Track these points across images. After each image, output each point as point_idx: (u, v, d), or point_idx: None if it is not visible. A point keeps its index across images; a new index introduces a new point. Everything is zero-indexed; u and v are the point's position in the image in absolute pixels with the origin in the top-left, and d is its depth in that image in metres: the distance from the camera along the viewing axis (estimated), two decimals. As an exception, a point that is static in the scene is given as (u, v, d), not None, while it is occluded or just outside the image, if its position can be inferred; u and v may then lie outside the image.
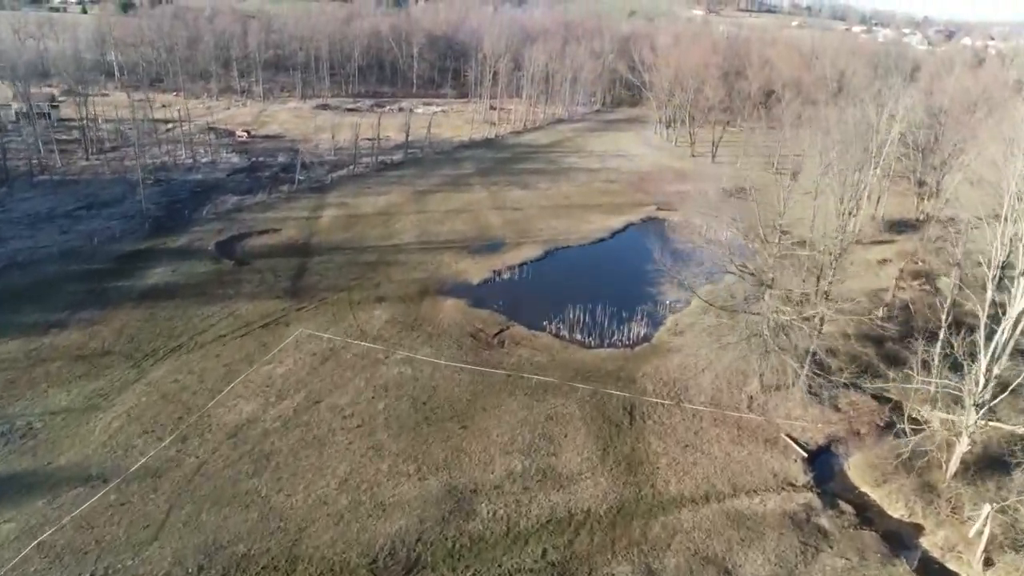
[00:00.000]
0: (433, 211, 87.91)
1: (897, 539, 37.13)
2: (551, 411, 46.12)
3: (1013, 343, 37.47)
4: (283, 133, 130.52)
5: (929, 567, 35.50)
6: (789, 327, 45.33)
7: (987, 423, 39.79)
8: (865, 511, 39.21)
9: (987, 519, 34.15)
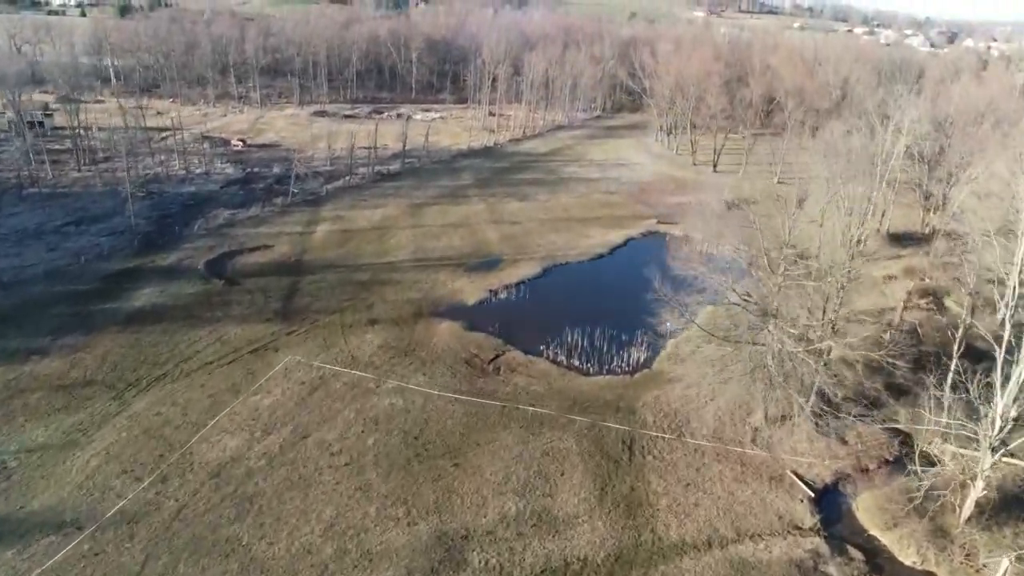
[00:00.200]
0: (430, 225, 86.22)
1: (909, 589, 35.48)
2: (547, 446, 44.42)
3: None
4: (279, 142, 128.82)
5: (943, 621, 33.85)
6: (794, 359, 43.57)
7: (1002, 459, 38.03)
8: (875, 557, 37.46)
9: (1006, 573, 32.40)
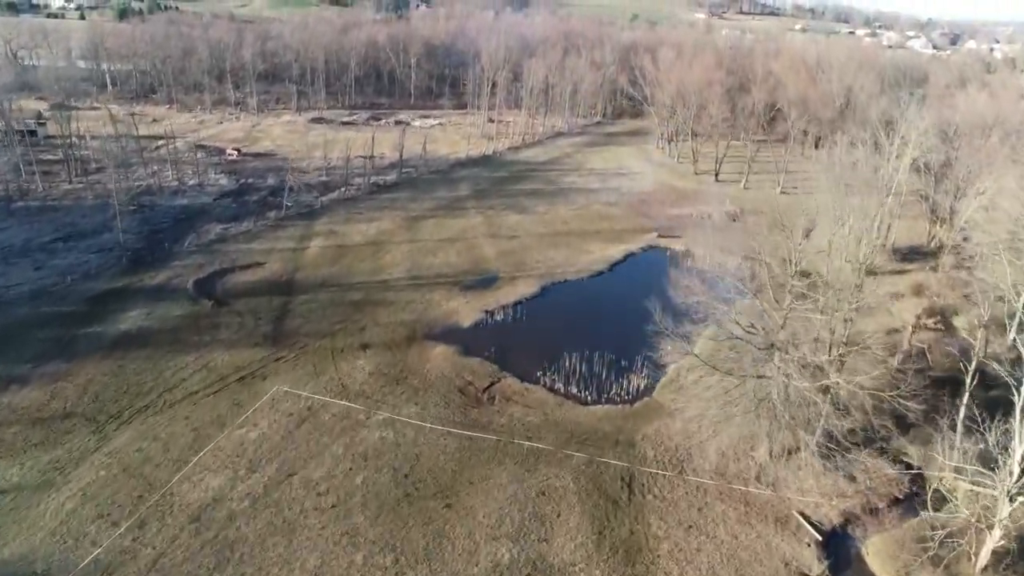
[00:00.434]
0: (425, 240, 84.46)
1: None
2: (543, 484, 42.67)
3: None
4: (275, 151, 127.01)
5: None
6: (800, 394, 41.80)
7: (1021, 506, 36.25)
8: (886, 609, 35.75)
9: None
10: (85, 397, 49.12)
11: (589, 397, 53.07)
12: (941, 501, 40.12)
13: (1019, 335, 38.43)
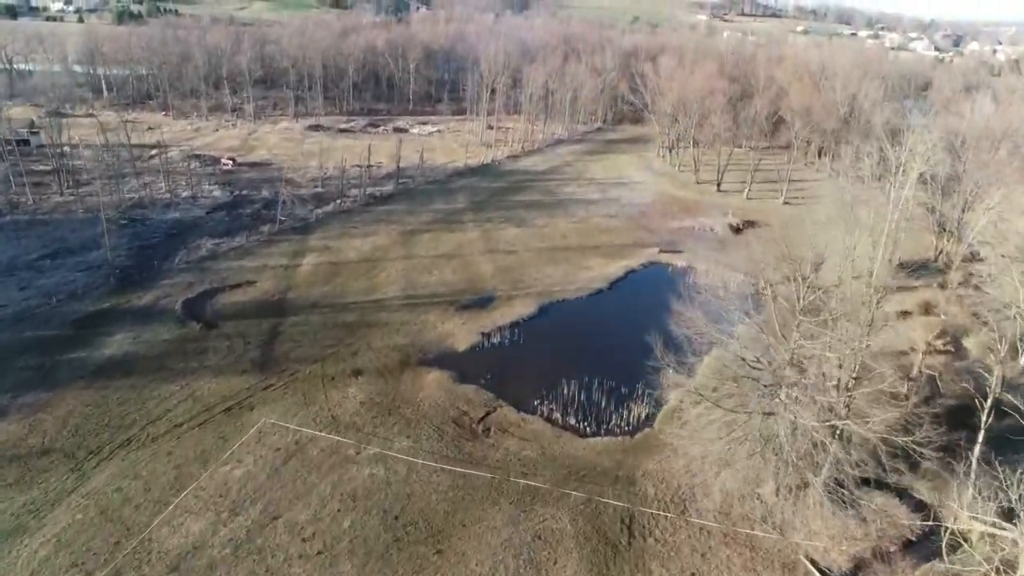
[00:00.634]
0: (421, 256, 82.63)
1: None
2: (539, 527, 40.83)
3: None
4: (271, 160, 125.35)
5: None
6: (808, 435, 39.96)
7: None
8: (900, 667, 33.89)
9: None
10: (64, 431, 47.31)
11: (588, 428, 51.15)
12: (957, 544, 38.30)
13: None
